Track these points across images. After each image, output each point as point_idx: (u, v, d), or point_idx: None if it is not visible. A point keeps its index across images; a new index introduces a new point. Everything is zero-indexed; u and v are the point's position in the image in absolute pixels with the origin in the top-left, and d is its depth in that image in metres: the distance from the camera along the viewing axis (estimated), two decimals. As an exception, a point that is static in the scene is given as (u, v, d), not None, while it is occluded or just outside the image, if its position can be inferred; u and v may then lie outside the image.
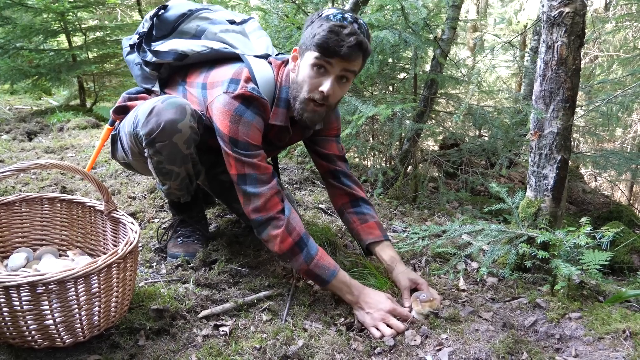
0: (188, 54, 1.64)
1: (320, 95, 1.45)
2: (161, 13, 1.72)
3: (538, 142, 1.75)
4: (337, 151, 1.80)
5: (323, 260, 1.44)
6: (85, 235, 1.56)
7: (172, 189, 1.66)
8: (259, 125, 1.49)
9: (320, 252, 1.46)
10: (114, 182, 2.60)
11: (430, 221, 2.33)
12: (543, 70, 1.68)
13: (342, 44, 1.37)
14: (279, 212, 1.45)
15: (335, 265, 1.45)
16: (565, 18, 1.59)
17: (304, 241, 1.44)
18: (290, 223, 1.44)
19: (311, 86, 1.45)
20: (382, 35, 2.15)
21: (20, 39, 4.72)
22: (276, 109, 1.57)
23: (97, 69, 4.84)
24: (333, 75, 1.43)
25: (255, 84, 1.51)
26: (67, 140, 3.71)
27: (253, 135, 1.47)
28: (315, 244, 1.47)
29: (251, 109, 1.47)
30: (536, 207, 1.78)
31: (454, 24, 2.97)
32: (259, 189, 1.45)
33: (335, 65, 1.42)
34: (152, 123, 1.47)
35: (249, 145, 1.46)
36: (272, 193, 1.46)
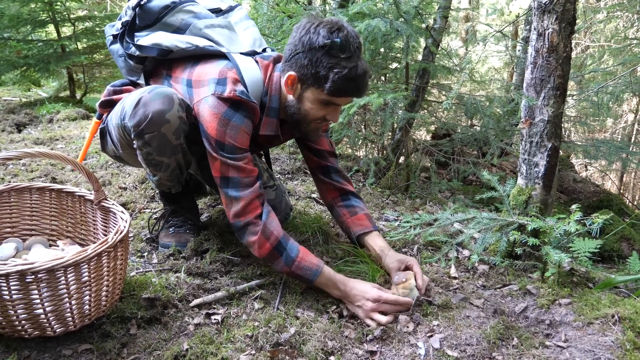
0: (172, 49, 1.60)
1: (325, 121, 1.53)
2: (144, 3, 1.66)
3: (529, 130, 1.75)
4: (328, 147, 1.80)
5: (305, 261, 1.42)
6: (75, 225, 1.55)
7: (163, 180, 1.65)
8: (247, 129, 1.47)
9: (301, 253, 1.43)
10: (104, 173, 2.58)
11: (422, 210, 2.34)
12: (534, 58, 1.68)
13: (359, 88, 1.43)
14: (257, 217, 1.43)
15: (317, 263, 1.43)
16: (557, 5, 1.59)
17: (283, 245, 1.43)
18: (267, 228, 1.42)
19: (317, 116, 1.50)
20: (373, 24, 2.13)
21: (8, 29, 4.66)
22: (267, 119, 1.56)
23: (86, 59, 4.78)
24: (340, 107, 1.51)
25: (244, 86, 1.48)
26: (56, 131, 3.67)
27: (240, 139, 1.45)
28: (296, 245, 1.45)
29: (240, 113, 1.45)
30: (527, 195, 1.79)
31: (445, 13, 2.97)
32: (240, 193, 1.44)
33: (345, 101, 1.49)
34: (140, 114, 1.44)
35: (236, 148, 1.44)
36: (253, 197, 1.44)
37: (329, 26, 1.39)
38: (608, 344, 1.22)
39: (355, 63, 1.38)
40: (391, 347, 1.24)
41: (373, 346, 1.25)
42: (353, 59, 1.38)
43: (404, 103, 2.55)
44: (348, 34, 1.39)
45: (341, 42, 1.36)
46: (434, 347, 1.24)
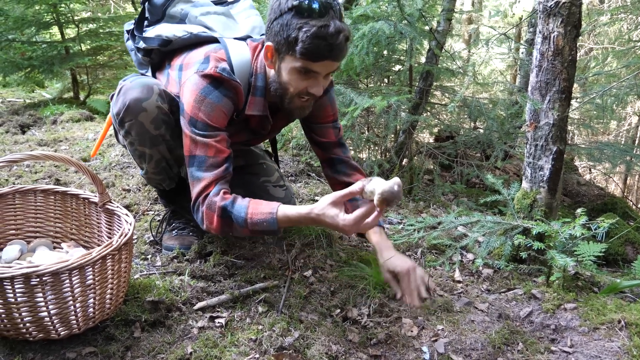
0: (171, 39, 1.62)
1: (309, 95, 1.43)
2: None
3: (534, 134, 1.75)
4: (334, 137, 1.76)
5: (256, 215, 1.36)
6: (80, 227, 1.55)
7: (150, 173, 1.65)
8: (225, 108, 1.44)
9: (250, 209, 1.37)
10: (108, 174, 2.58)
11: (425, 213, 2.33)
12: (539, 61, 1.67)
13: (332, 48, 1.30)
14: (205, 196, 1.40)
15: (270, 211, 1.35)
16: (562, 8, 1.58)
17: (228, 210, 1.37)
18: (211, 200, 1.39)
19: (298, 89, 1.41)
20: (377, 26, 2.13)
21: (12, 31, 4.66)
22: (252, 98, 1.52)
23: (90, 61, 4.78)
24: (321, 76, 1.39)
25: (230, 65, 1.47)
26: (60, 133, 3.67)
27: (215, 117, 1.42)
28: (243, 204, 1.38)
29: (219, 91, 1.43)
30: (532, 199, 1.79)
31: (449, 15, 2.96)
32: (202, 174, 1.41)
33: (323, 67, 1.36)
34: (120, 102, 1.47)
35: (207, 126, 1.41)
36: (215, 179, 1.40)
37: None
38: (614, 349, 1.21)
39: (326, 22, 1.28)
40: (395, 352, 1.24)
41: (377, 350, 1.24)
42: (324, 19, 1.29)
43: (407, 106, 2.54)
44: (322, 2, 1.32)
45: (309, 1, 1.30)
46: (438, 351, 1.23)
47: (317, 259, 1.65)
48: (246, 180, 1.84)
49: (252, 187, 1.82)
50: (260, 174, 1.85)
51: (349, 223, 1.27)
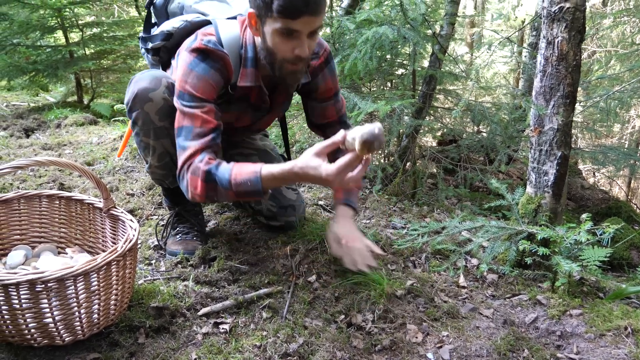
0: (172, 32, 1.66)
1: (296, 58, 1.40)
2: (153, 1, 1.79)
3: (538, 138, 1.74)
4: (335, 115, 1.74)
5: (240, 175, 1.34)
6: (84, 232, 1.55)
7: (153, 167, 1.66)
8: (212, 80, 1.44)
9: (234, 170, 1.36)
10: (112, 178, 2.58)
11: (429, 218, 2.33)
12: (543, 66, 1.67)
13: (308, 2, 1.29)
14: (190, 164, 1.40)
15: (254, 169, 1.34)
16: (566, 13, 1.58)
17: (212, 172, 1.36)
18: (196, 165, 1.38)
19: (284, 52, 1.39)
20: (381, 31, 2.13)
21: (17, 35, 4.69)
22: (244, 70, 1.52)
23: (94, 65, 4.81)
24: (304, 35, 1.36)
25: (218, 40, 1.47)
26: (64, 137, 3.69)
27: (201, 89, 1.43)
28: (228, 166, 1.37)
29: (206, 63, 1.44)
30: (536, 204, 1.78)
31: (452, 19, 2.96)
32: (188, 142, 1.40)
33: (304, 24, 1.33)
34: (129, 92, 1.52)
35: (193, 97, 1.42)
36: (200, 147, 1.40)
37: None
38: (621, 356, 1.21)
39: None
40: (400, 358, 1.23)
41: (382, 357, 1.24)
42: None
43: (410, 110, 2.54)
44: None
45: None
46: (443, 358, 1.23)
47: (321, 264, 1.65)
48: None
49: None
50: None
51: (332, 172, 1.24)
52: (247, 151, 1.93)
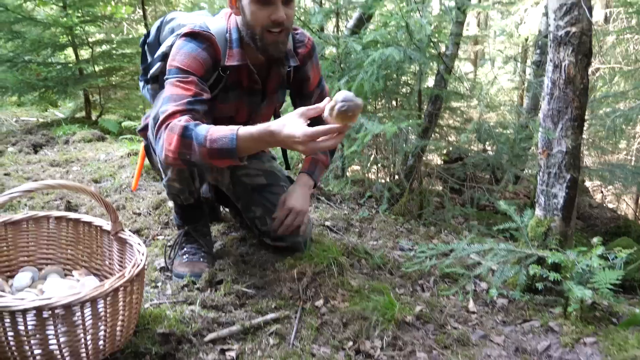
0: (167, 51, 1.67)
1: (273, 24, 1.45)
2: (147, 40, 1.83)
3: (547, 161, 1.73)
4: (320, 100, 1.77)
5: (217, 132, 1.32)
6: (91, 254, 1.55)
7: (171, 180, 1.65)
8: (200, 57, 1.49)
9: (212, 128, 1.35)
10: (118, 197, 2.59)
11: (437, 239, 2.31)
12: (550, 89, 1.67)
13: None
14: (168, 123, 1.39)
15: (231, 128, 1.33)
16: (572, 37, 1.59)
17: (190, 128, 1.35)
18: (173, 123, 1.38)
19: (262, 20, 1.44)
20: (387, 52, 2.15)
21: (29, 52, 4.76)
22: (230, 51, 1.56)
23: (103, 82, 4.86)
24: (278, 1, 1.42)
25: (206, 26, 1.54)
26: (72, 153, 3.71)
27: (187, 63, 1.47)
28: (206, 126, 1.36)
29: (194, 42, 1.50)
30: (546, 227, 1.77)
31: (457, 39, 2.98)
32: (168, 105, 1.42)
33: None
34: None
35: (179, 69, 1.47)
36: (179, 109, 1.40)
37: None
38: (636, 388, 1.18)
39: None
40: (410, 388, 1.21)
41: (391, 386, 1.22)
42: None
43: (417, 130, 2.54)
44: None
45: None
46: (454, 388, 1.20)
47: (328, 287, 1.63)
48: (267, 198, 1.85)
49: (271, 206, 1.83)
50: (280, 195, 1.86)
51: (307, 134, 1.23)
52: (253, 171, 1.93)
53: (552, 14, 1.58)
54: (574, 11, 1.53)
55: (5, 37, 4.61)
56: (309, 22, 2.79)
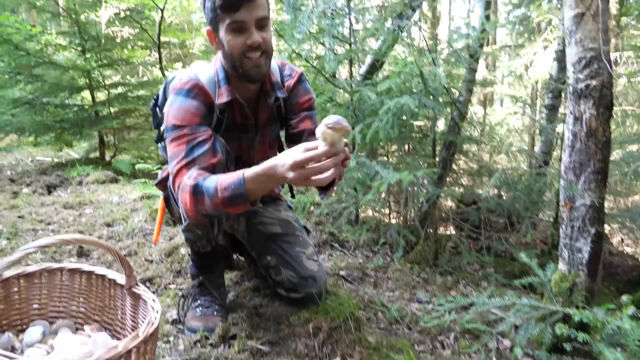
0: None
1: (250, 49, 1.47)
2: (157, 102, 1.86)
3: (569, 214, 1.69)
4: (310, 125, 1.72)
5: (225, 180, 1.34)
6: (104, 308, 1.51)
7: (191, 225, 1.63)
8: (191, 106, 1.52)
9: (220, 178, 1.37)
10: (130, 242, 2.57)
11: (455, 290, 2.25)
12: (572, 142, 1.65)
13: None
14: (179, 184, 1.44)
15: (237, 174, 1.33)
16: (593, 91, 1.58)
17: (199, 184, 1.38)
18: (183, 182, 1.41)
19: (239, 47, 1.47)
20: (402, 101, 2.16)
21: (47, 95, 4.88)
22: (219, 90, 1.58)
23: (117, 124, 4.95)
24: (251, 26, 1.45)
25: (194, 75, 1.58)
26: (85, 195, 3.73)
27: (181, 117, 1.50)
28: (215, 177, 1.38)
29: (183, 95, 1.53)
30: (571, 282, 1.71)
31: (470, 86, 3.01)
32: (175, 164, 1.46)
33: (246, 15, 1.43)
34: None
35: (175, 126, 1.50)
36: (185, 164, 1.45)
37: None
38: None
39: None
40: None
41: None
42: None
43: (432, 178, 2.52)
44: None
45: None
46: None
47: (345, 344, 1.57)
48: (281, 247, 1.83)
49: (286, 255, 1.80)
50: (295, 244, 1.83)
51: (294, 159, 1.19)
52: (268, 220, 1.91)
53: (571, 67, 1.59)
54: (593, 64, 1.53)
55: (26, 80, 4.75)
56: (323, 69, 2.83)
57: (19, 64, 4.75)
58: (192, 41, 8.84)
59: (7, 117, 4.65)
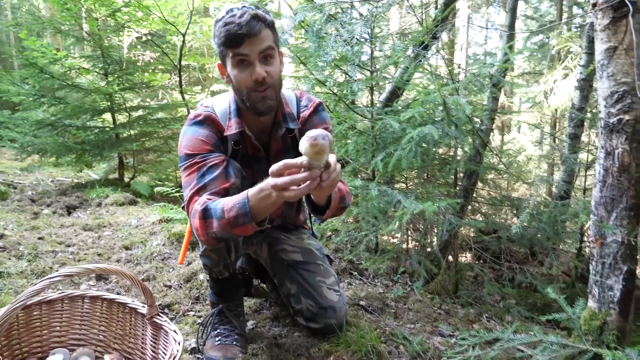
0: None
1: (256, 84, 1.49)
2: None
3: (600, 251, 1.64)
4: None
5: (230, 202, 1.37)
6: (124, 337, 1.49)
7: (207, 251, 1.63)
8: (202, 135, 1.55)
9: (225, 199, 1.40)
10: (149, 266, 2.56)
11: (478, 324, 2.18)
12: (603, 177, 1.61)
13: (241, 26, 1.42)
14: (190, 211, 1.46)
15: (242, 194, 1.36)
16: (626, 125, 1.55)
17: (208, 208, 1.40)
18: (194, 209, 1.44)
19: (245, 82, 1.50)
20: (426, 130, 2.14)
21: (70, 117, 4.98)
22: (229, 122, 1.61)
23: (137, 146, 5.01)
24: (255, 60, 1.47)
25: (211, 108, 1.62)
26: (104, 217, 3.75)
27: (192, 146, 1.54)
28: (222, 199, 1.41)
29: (196, 125, 1.57)
30: (601, 321, 1.64)
31: (492, 115, 2.99)
32: (187, 192, 1.49)
33: (249, 49, 1.45)
34: None
35: (186, 155, 1.53)
36: (195, 190, 1.47)
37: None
38: None
39: (234, 12, 1.45)
40: None
41: None
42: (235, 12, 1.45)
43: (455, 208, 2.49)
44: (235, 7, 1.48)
45: (227, 9, 1.48)
46: None
47: (367, 380, 1.53)
48: (302, 275, 1.81)
49: (306, 284, 1.78)
50: (316, 273, 1.81)
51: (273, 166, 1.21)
52: (290, 248, 1.89)
53: (603, 101, 1.56)
54: (626, 99, 1.50)
55: (49, 102, 4.86)
56: (344, 96, 2.84)
57: (43, 86, 4.87)
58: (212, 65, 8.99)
59: (29, 138, 4.74)
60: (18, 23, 7.05)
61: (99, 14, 5.12)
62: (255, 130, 1.66)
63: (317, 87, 2.85)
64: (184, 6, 6.22)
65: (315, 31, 2.31)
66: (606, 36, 1.49)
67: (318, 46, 2.28)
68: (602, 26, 1.53)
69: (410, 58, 2.67)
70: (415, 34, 2.93)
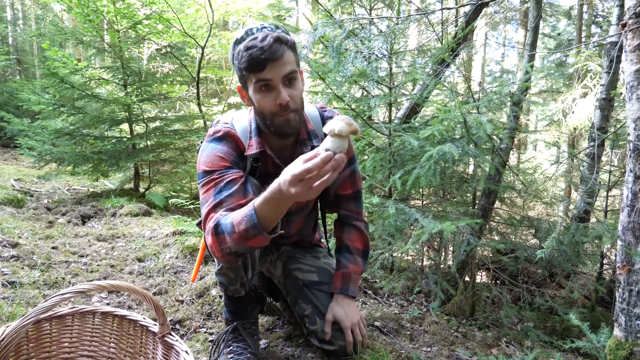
0: None
1: (280, 108, 1.46)
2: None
3: (627, 277, 1.58)
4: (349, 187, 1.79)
5: (239, 215, 1.36)
6: (134, 355, 1.46)
7: (224, 268, 1.60)
8: (220, 152, 1.53)
9: (233, 213, 1.39)
10: (161, 279, 2.54)
11: (496, 349, 2.11)
12: (631, 201, 1.55)
13: (264, 50, 1.39)
14: (205, 229, 1.45)
15: (249, 205, 1.36)
16: (655, 149, 1.49)
17: (219, 224, 1.39)
18: (208, 227, 1.42)
19: (269, 107, 1.47)
20: (445, 149, 2.10)
21: (88, 127, 5.04)
22: (250, 141, 1.59)
23: (154, 157, 5.04)
24: (278, 84, 1.44)
25: (231, 124, 1.61)
26: (118, 228, 3.76)
27: (211, 163, 1.51)
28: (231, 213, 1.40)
29: (215, 142, 1.55)
30: (628, 351, 1.57)
31: (512, 134, 2.93)
32: (202, 212, 1.48)
33: (272, 74, 1.43)
34: None
35: (204, 172, 1.51)
36: (211, 208, 1.45)
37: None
38: None
39: (255, 35, 1.43)
40: None
41: None
42: (256, 35, 1.43)
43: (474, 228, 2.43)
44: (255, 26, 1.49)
45: (246, 30, 1.48)
46: None
47: (383, 408, 1.47)
48: (317, 297, 1.78)
49: (321, 306, 1.75)
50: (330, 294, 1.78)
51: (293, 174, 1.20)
52: (306, 267, 1.86)
53: (632, 124, 1.51)
54: (656, 122, 1.46)
55: (68, 111, 4.93)
56: (362, 112, 2.82)
57: (63, 96, 4.94)
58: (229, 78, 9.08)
59: (48, 147, 4.80)
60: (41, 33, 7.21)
61: (120, 26, 5.21)
62: (275, 149, 1.64)
63: (334, 102, 2.83)
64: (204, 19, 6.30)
65: (335, 47, 2.30)
66: (636, 57, 1.45)
67: (338, 62, 2.26)
68: (632, 47, 1.48)
69: (430, 75, 2.64)
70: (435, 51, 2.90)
